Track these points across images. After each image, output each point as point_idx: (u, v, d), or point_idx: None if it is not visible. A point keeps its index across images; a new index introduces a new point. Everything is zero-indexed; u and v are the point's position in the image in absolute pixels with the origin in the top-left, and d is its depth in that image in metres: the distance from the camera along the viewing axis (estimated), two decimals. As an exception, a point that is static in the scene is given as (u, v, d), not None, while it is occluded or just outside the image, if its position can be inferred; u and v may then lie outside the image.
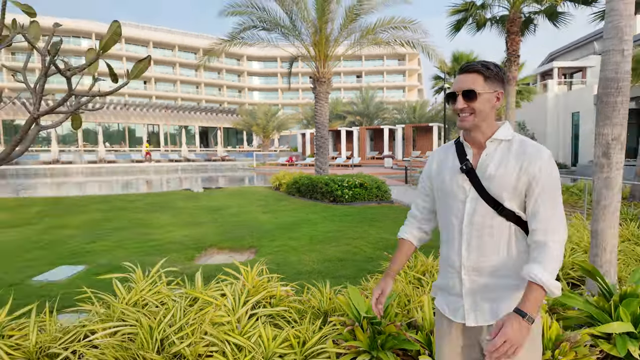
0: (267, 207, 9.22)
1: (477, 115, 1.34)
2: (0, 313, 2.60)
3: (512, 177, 1.30)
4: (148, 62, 2.19)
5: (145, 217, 7.97)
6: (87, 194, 12.91)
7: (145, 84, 57.75)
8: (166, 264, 4.68)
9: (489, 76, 1.34)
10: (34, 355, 2.38)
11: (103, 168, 24.93)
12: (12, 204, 9.77)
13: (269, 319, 2.77)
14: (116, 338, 2.31)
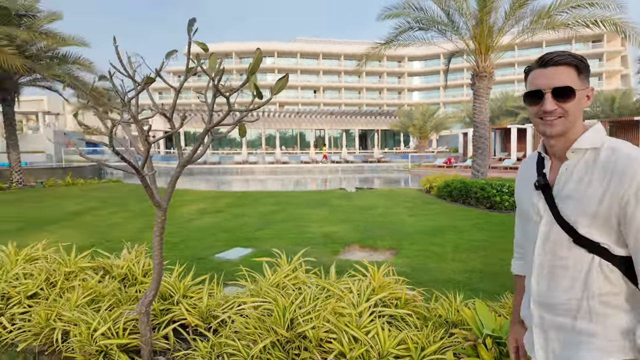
0: (413, 210, 9.10)
1: (569, 119, 1.08)
2: (187, 279, 3.44)
3: (594, 199, 1.02)
4: (286, 79, 2.55)
5: (305, 212, 8.93)
6: (263, 189, 15.24)
7: (315, 92, 63.88)
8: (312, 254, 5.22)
9: (583, 70, 1.09)
10: (205, 314, 3.07)
11: (278, 168, 28.85)
12: (211, 195, 12.37)
13: (390, 319, 2.83)
14: (258, 311, 2.77)
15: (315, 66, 62.63)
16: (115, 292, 3.29)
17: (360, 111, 46.16)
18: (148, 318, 2.75)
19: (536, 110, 1.11)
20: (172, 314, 3.07)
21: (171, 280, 3.39)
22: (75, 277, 3.53)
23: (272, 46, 59.72)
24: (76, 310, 2.88)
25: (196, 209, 9.59)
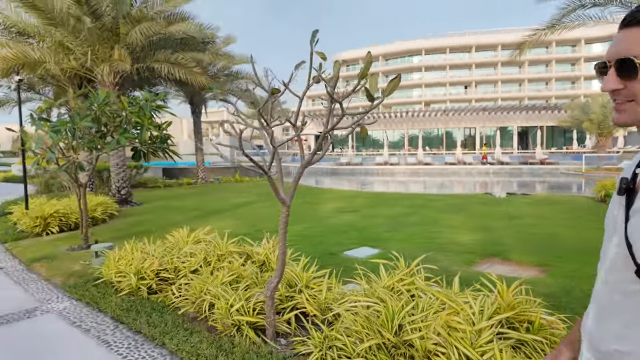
0: (575, 221, 7.64)
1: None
2: (310, 271, 3.72)
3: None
4: (398, 80, 2.53)
5: (439, 217, 8.49)
6: (400, 191, 15.07)
7: (466, 88, 59.56)
8: (441, 262, 4.95)
9: None
10: (322, 306, 3.28)
11: (420, 170, 28.02)
12: (349, 195, 12.90)
13: (517, 343, 2.50)
14: (368, 311, 2.81)
15: (467, 60, 58.38)
16: (252, 275, 3.79)
17: (520, 106, 40.96)
18: (272, 302, 3.10)
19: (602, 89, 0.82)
20: (295, 301, 3.37)
21: (297, 270, 3.72)
22: (224, 259, 4.21)
23: (417, 44, 58.26)
24: (221, 287, 3.44)
25: (334, 207, 10.15)
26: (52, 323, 3.50)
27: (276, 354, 2.86)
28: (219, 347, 2.89)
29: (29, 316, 3.65)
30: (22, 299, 4.11)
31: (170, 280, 4.07)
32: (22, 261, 5.58)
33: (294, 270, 3.70)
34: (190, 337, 3.06)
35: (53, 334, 3.30)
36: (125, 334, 3.26)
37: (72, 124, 5.24)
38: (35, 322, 3.53)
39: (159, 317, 3.42)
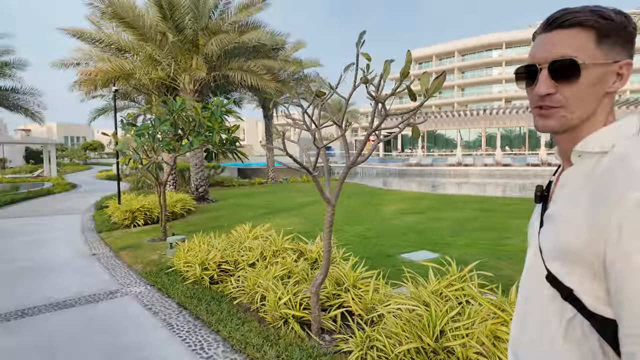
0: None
1: (573, 109, 0.72)
2: (358, 270, 3.73)
3: (572, 226, 0.69)
4: (443, 78, 2.45)
5: (511, 222, 7.90)
6: (469, 193, 14.25)
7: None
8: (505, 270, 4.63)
9: (609, 32, 0.70)
10: (368, 306, 3.28)
11: (497, 171, 26.17)
12: (413, 196, 12.55)
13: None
14: (411, 314, 2.75)
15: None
16: (303, 272, 3.92)
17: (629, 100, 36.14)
18: (317, 298, 3.18)
19: (531, 96, 0.78)
20: (341, 299, 3.42)
21: (345, 269, 3.76)
22: (279, 255, 4.40)
23: (497, 37, 54.42)
24: (272, 280, 3.61)
25: (397, 208, 9.97)
26: (128, 304, 3.97)
27: (318, 348, 2.93)
28: (266, 337, 3.05)
29: (111, 297, 4.18)
30: (107, 281, 4.71)
31: (230, 272, 4.37)
32: (112, 249, 6.38)
33: (342, 269, 3.75)
34: (242, 326, 3.26)
35: (128, 314, 3.75)
36: (187, 319, 3.58)
37: (153, 128, 5.86)
38: (114, 303, 4.03)
39: (216, 306, 3.69)
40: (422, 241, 6.43)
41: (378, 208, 10.07)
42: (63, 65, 12.33)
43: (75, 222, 8.99)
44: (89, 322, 3.55)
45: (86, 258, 5.84)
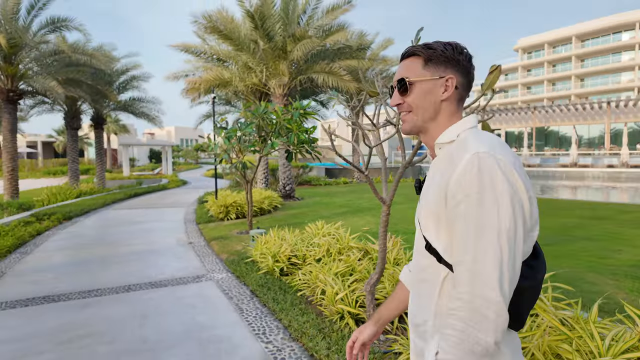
0: None
1: (417, 113, 0.98)
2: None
3: (431, 196, 0.90)
4: (498, 71, 2.30)
5: (623, 232, 6.79)
6: (582, 199, 12.48)
7: None
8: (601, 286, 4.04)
9: (432, 57, 0.96)
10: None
11: (622, 173, 22.44)
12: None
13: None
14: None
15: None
16: (365, 270, 3.95)
17: None
18: (372, 297, 3.20)
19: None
20: (399, 301, 3.38)
21: (408, 271, 3.69)
22: (344, 252, 4.50)
23: (628, 17, 46.38)
24: (332, 276, 3.73)
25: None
26: (210, 289, 4.46)
27: (371, 347, 2.96)
28: (320, 329, 3.17)
29: (197, 281, 4.73)
30: (197, 267, 5.33)
31: (298, 265, 4.61)
32: (205, 239, 7.16)
33: (404, 270, 3.68)
34: (301, 317, 3.44)
35: (208, 296, 4.21)
36: (256, 305, 3.89)
37: (239, 131, 6.43)
38: (199, 286, 4.56)
39: (282, 296, 3.94)
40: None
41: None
42: (175, 77, 14.14)
43: (180, 214, 10.28)
44: (176, 300, 4.09)
45: (184, 246, 6.66)
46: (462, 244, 0.80)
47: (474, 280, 0.77)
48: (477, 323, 0.76)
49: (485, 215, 0.77)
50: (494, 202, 0.77)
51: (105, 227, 8.47)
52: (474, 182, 0.79)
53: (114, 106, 19.34)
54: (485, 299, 0.76)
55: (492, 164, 0.79)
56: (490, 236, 0.77)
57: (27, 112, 18.66)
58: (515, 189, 0.79)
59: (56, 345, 3.10)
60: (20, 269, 5.31)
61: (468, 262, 0.79)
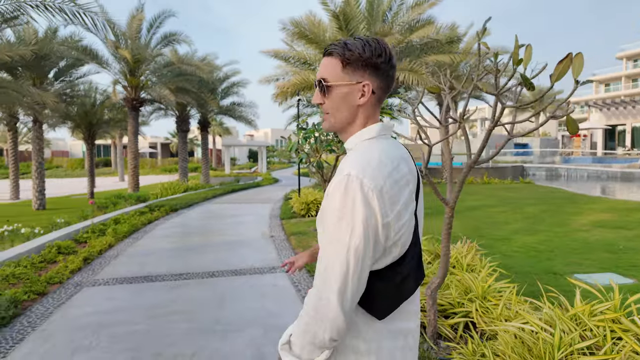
0: None
1: (334, 115, 0.99)
2: (489, 281, 3.37)
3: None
4: (568, 60, 2.06)
5: None
6: None
7: None
8: None
9: (350, 60, 0.94)
10: (496, 320, 2.97)
11: None
12: (625, 206, 9.83)
13: None
14: (531, 337, 2.38)
15: None
16: (432, 274, 3.80)
17: None
18: (433, 302, 3.08)
19: None
20: (466, 309, 3.20)
21: (479, 280, 3.46)
22: (413, 255, 4.37)
23: None
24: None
25: (593, 220, 8.10)
26: (281, 280, 4.72)
27: (429, 352, 2.86)
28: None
29: (272, 272, 5.04)
30: (274, 259, 5.67)
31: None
32: (285, 233, 7.56)
33: (473, 277, 3.46)
34: (361, 315, 3.46)
35: (279, 287, 4.47)
36: (321, 300, 4.01)
37: (316, 131, 6.65)
38: (273, 276, 4.86)
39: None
40: (613, 262, 5.13)
41: (568, 218, 8.42)
42: (267, 80, 15.10)
43: (267, 209, 10.97)
44: (251, 288, 4.43)
45: (266, 239, 7.13)
46: (321, 250, 0.90)
47: (323, 284, 0.88)
48: (318, 320, 0.88)
49: (341, 232, 0.86)
50: (349, 222, 0.85)
51: (203, 219, 9.46)
52: (338, 201, 0.87)
53: (217, 111, 21.38)
54: (328, 301, 0.86)
55: (356, 187, 0.86)
56: (341, 250, 0.86)
57: (148, 117, 21.67)
58: (372, 213, 0.86)
59: (148, 318, 3.61)
60: (131, 251, 6.25)
61: (321, 268, 0.89)
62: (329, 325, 0.87)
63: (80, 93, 17.52)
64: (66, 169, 40.53)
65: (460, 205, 10.73)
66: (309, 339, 0.90)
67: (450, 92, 3.13)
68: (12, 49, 12.27)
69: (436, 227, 6.16)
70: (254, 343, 3.11)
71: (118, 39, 14.66)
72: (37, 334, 3.29)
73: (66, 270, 4.94)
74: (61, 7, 6.57)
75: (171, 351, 2.99)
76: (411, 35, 10.98)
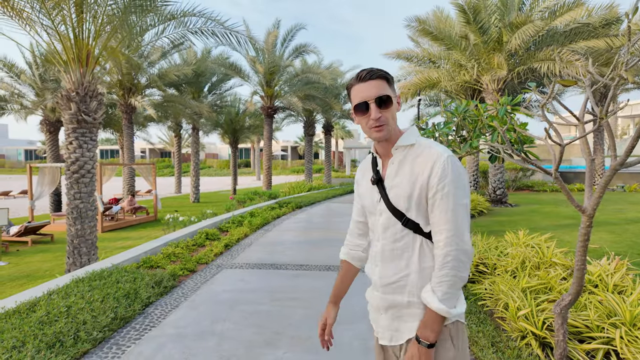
0: None
1: (391, 122, 1.26)
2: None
3: (407, 185, 1.23)
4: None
5: None
6: None
7: None
8: None
9: (391, 82, 1.28)
10: (646, 355, 2.48)
11: None
12: None
13: None
14: None
15: None
16: (565, 291, 3.35)
17: None
18: (563, 321, 2.72)
19: (366, 120, 1.25)
20: (607, 334, 2.74)
21: (627, 303, 2.93)
22: (542, 268, 3.90)
23: None
24: (518, 290, 3.34)
25: None
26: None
27: (555, 377, 2.56)
28: (494, 342, 2.95)
29: (385, 271, 5.09)
30: (388, 260, 5.70)
31: (486, 274, 4.30)
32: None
33: (621, 301, 2.94)
34: (476, 326, 3.26)
35: (391, 287, 4.49)
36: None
37: (436, 132, 6.43)
38: (385, 276, 4.89)
39: (462, 301, 3.81)
40: None
41: None
42: (388, 83, 15.09)
43: (385, 211, 10.99)
44: (364, 285, 4.55)
45: (381, 239, 7.19)
46: (445, 216, 1.17)
47: (458, 241, 1.17)
48: (461, 268, 1.17)
49: (459, 196, 1.18)
50: (463, 188, 1.20)
51: (324, 216, 10.02)
52: (451, 176, 1.18)
53: (339, 115, 22.29)
54: (465, 251, 1.17)
55: (458, 163, 1.21)
56: (463, 210, 1.19)
57: (280, 123, 23.82)
58: (467, 178, 1.23)
59: (271, 300, 4.06)
60: (262, 241, 7.03)
61: (453, 229, 1.17)
62: (468, 266, 1.18)
63: (227, 104, 20.28)
64: (215, 169, 47.40)
65: (616, 217, 8.99)
66: (458, 285, 1.18)
67: (591, 85, 2.73)
68: (179, 69, 14.95)
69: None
70: (362, 336, 3.22)
71: (257, 53, 16.54)
72: (188, 303, 4.01)
73: (211, 253, 5.86)
74: (213, 31, 7.78)
75: (289, 332, 3.32)
76: (555, 21, 9.65)
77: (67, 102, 6.05)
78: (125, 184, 15.72)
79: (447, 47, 11.56)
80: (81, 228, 5.96)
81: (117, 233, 11.12)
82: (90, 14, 6.07)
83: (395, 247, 1.26)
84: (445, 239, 1.16)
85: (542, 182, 17.00)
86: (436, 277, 1.18)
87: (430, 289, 1.19)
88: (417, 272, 1.23)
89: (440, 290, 1.16)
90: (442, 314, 1.16)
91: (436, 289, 1.17)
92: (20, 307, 3.33)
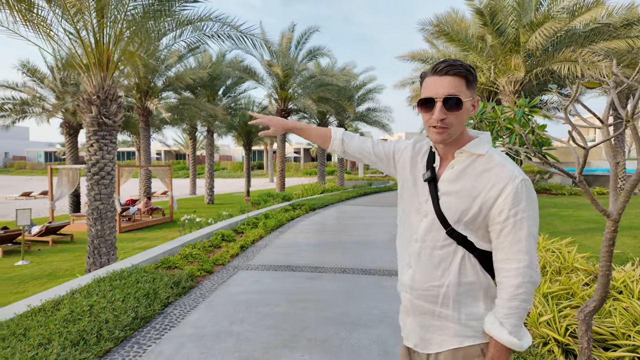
0: None
1: (456, 127, 1.13)
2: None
3: (465, 198, 1.14)
4: None
5: None
6: None
7: None
8: None
9: (472, 81, 1.13)
10: None
11: None
12: None
13: None
14: None
15: None
16: (588, 297, 3.28)
17: None
18: (587, 327, 2.66)
19: (427, 118, 1.14)
20: (634, 342, 2.67)
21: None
22: (565, 273, 3.82)
23: None
24: (539, 296, 3.28)
25: None
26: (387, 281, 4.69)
27: (578, 385, 2.50)
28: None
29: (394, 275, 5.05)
30: (403, 263, 5.66)
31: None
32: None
33: None
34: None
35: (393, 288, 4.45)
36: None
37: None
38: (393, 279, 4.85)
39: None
40: None
41: None
42: (402, 84, 15.03)
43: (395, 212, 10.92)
44: (380, 288, 4.54)
45: (392, 241, 7.15)
46: (517, 245, 1.10)
47: (532, 273, 1.10)
48: (531, 300, 1.12)
49: (532, 225, 1.11)
50: (535, 217, 1.12)
51: (337, 219, 10.01)
52: (525, 202, 1.10)
53: (352, 117, 22.27)
54: (536, 283, 1.12)
55: (532, 188, 1.12)
56: (533, 240, 1.11)
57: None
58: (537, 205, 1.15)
59: (287, 302, 4.07)
60: (277, 243, 7.06)
61: (527, 260, 1.10)
62: (533, 290, 1.12)
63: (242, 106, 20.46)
64: (229, 171, 47.83)
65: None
66: (524, 317, 1.12)
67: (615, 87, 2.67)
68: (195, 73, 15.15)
69: (600, 245, 5.22)
70: (380, 340, 3.21)
71: (272, 56, 16.67)
72: (206, 304, 4.06)
73: (227, 254, 5.91)
74: (229, 34, 7.88)
75: (305, 334, 3.32)
76: (574, 21, 9.47)
77: (88, 105, 6.19)
78: (141, 186, 16.00)
79: (463, 48, 11.45)
80: (101, 229, 6.09)
81: (133, 234, 11.31)
82: (111, 20, 6.21)
83: (434, 254, 1.19)
84: (517, 269, 1.08)
85: (560, 185, 16.66)
86: (504, 307, 1.10)
87: (498, 322, 1.11)
88: (455, 286, 1.16)
89: (509, 323, 1.09)
90: (514, 348, 1.09)
91: (505, 321, 1.10)
92: (45, 305, 3.41)
